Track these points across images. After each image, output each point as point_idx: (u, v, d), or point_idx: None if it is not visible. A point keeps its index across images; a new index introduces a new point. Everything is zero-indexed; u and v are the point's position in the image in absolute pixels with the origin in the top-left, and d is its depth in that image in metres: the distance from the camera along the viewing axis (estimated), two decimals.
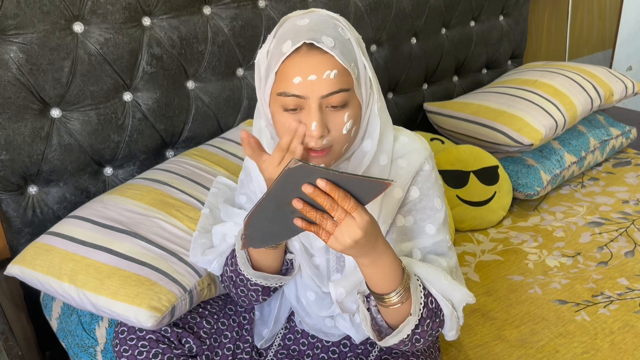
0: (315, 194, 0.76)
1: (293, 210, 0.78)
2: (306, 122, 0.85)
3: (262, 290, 1.03)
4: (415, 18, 1.93)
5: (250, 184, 1.07)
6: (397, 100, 2.02)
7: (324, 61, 0.84)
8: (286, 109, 0.86)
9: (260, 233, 0.83)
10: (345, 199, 0.77)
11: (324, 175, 0.75)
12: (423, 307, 0.90)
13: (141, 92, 1.43)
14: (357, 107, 0.89)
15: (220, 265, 1.07)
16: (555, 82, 1.97)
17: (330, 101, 0.85)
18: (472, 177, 1.75)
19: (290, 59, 0.84)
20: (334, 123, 0.86)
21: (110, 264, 1.12)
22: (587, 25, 2.91)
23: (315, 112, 0.84)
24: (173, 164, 1.39)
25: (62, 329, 1.27)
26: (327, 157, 0.89)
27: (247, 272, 1.00)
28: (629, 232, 1.70)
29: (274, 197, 0.77)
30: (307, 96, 0.84)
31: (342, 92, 0.85)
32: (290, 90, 0.84)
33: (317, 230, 0.80)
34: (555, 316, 1.39)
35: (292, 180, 0.75)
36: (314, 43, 0.83)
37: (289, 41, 0.84)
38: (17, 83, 1.25)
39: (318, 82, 0.83)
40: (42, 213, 1.37)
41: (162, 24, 1.42)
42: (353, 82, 0.87)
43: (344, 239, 0.78)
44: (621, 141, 2.12)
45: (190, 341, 1.08)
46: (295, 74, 0.84)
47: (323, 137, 0.86)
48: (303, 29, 0.85)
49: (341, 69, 0.85)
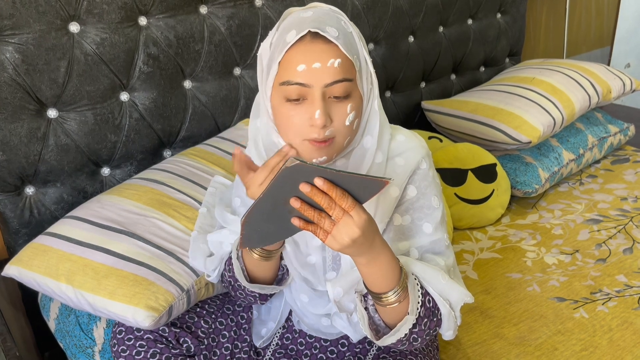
0: (313, 193, 0.76)
1: (290, 209, 0.78)
2: (309, 111, 0.85)
3: (259, 296, 1.04)
4: (413, 16, 1.93)
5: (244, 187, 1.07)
6: (394, 99, 2.02)
7: (328, 50, 0.84)
8: (289, 99, 0.86)
9: (257, 233, 0.83)
10: (343, 197, 0.76)
11: (322, 174, 0.75)
12: (420, 306, 0.90)
13: (138, 92, 1.43)
14: (359, 100, 0.89)
15: (219, 274, 1.08)
16: (553, 79, 1.97)
17: (333, 91, 0.85)
18: (470, 175, 1.75)
19: (294, 47, 0.84)
20: (337, 114, 0.86)
21: (107, 264, 1.12)
22: (585, 23, 2.91)
23: (319, 101, 0.84)
24: (170, 163, 1.38)
25: (60, 330, 1.27)
26: (329, 149, 0.88)
27: (242, 282, 1.00)
28: (627, 229, 1.70)
29: (271, 196, 0.77)
30: (311, 84, 0.84)
31: (345, 81, 0.85)
32: (294, 78, 0.84)
33: (314, 229, 0.80)
34: (554, 313, 1.39)
35: (290, 179, 0.75)
36: (318, 32, 0.83)
37: (293, 31, 0.85)
38: (13, 83, 1.25)
39: (322, 69, 0.83)
40: (39, 214, 1.37)
41: (158, 24, 1.41)
42: (356, 73, 0.87)
43: (342, 237, 0.78)
44: (619, 138, 2.12)
45: (188, 341, 1.08)
46: (300, 61, 0.84)
47: (326, 128, 0.85)
48: (307, 20, 0.85)
49: (345, 58, 0.85)
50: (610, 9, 3.00)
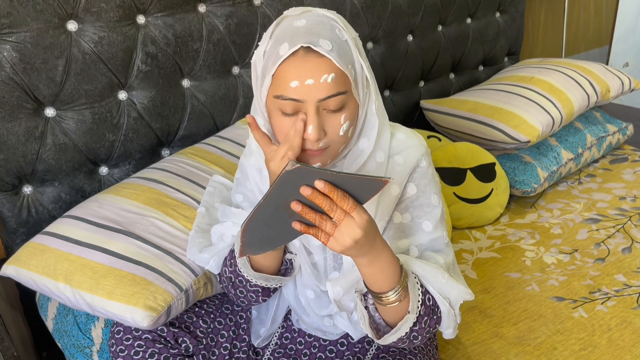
0: (314, 196, 0.75)
1: (291, 213, 0.78)
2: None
3: (262, 291, 1.03)
4: (412, 15, 1.92)
5: (246, 183, 1.06)
6: (393, 98, 2.02)
7: (321, 65, 0.83)
8: (284, 112, 0.86)
9: (258, 239, 0.82)
10: (344, 199, 0.76)
11: (322, 176, 0.75)
12: (421, 305, 0.90)
13: (136, 91, 1.42)
14: (354, 108, 0.89)
15: (217, 264, 1.07)
16: (551, 78, 1.97)
17: (327, 104, 0.85)
18: (469, 174, 1.75)
19: (287, 62, 0.84)
20: (330, 125, 0.86)
21: (105, 264, 1.11)
22: (583, 22, 2.91)
23: (313, 116, 0.84)
24: (169, 162, 1.38)
25: (58, 330, 1.26)
26: (324, 157, 0.89)
27: (247, 274, 0.99)
28: (626, 229, 1.70)
29: (271, 201, 0.76)
30: (304, 100, 0.84)
31: (339, 95, 0.85)
32: (287, 94, 0.84)
33: (315, 232, 0.79)
34: (553, 313, 1.39)
35: (290, 183, 0.75)
36: (311, 47, 0.83)
37: (285, 44, 0.84)
38: (11, 82, 1.24)
39: (315, 86, 0.83)
40: (37, 213, 1.36)
41: (156, 22, 1.41)
42: (350, 84, 0.86)
43: (344, 239, 0.78)
44: (618, 138, 2.12)
45: (186, 341, 1.08)
46: (293, 77, 0.83)
47: (320, 140, 0.86)
48: (300, 31, 0.84)
49: (338, 72, 0.84)
50: (609, 8, 3.01)
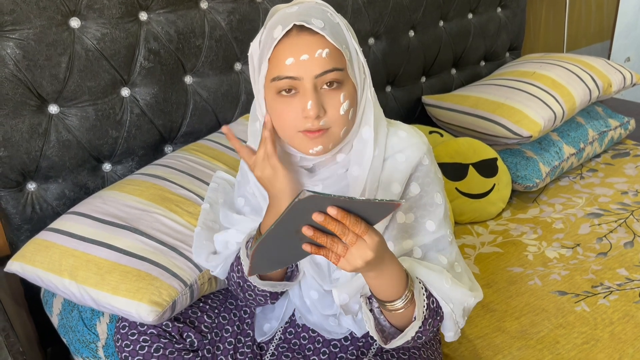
0: (327, 222, 0.74)
1: (302, 236, 0.77)
2: (302, 103, 0.85)
3: (270, 295, 1.03)
4: (413, 11, 1.92)
5: (247, 186, 1.07)
6: (395, 94, 2.02)
7: (315, 41, 0.84)
8: (282, 92, 0.86)
9: (267, 260, 0.82)
10: (356, 224, 0.75)
11: (334, 203, 0.74)
12: (425, 309, 0.90)
13: (139, 88, 1.43)
14: (353, 90, 0.89)
15: (224, 270, 1.08)
16: (553, 73, 1.97)
17: (324, 80, 0.85)
18: (471, 169, 1.75)
19: (281, 43, 0.85)
20: (330, 103, 0.86)
21: (110, 260, 1.12)
22: (585, 17, 2.91)
23: (310, 92, 0.84)
24: (172, 159, 1.38)
25: (63, 325, 1.27)
26: (324, 138, 0.88)
27: (253, 281, 1.00)
28: (628, 223, 1.70)
29: (282, 227, 0.76)
30: (301, 76, 0.84)
31: (335, 70, 0.85)
32: (283, 73, 0.84)
33: (326, 253, 0.79)
34: (555, 307, 1.40)
35: (302, 210, 0.74)
36: (304, 25, 0.84)
37: (279, 26, 0.85)
38: (14, 79, 1.24)
39: (310, 61, 0.84)
40: (41, 209, 1.37)
41: (159, 19, 1.41)
42: (346, 62, 0.87)
43: (355, 261, 0.78)
44: (620, 132, 2.12)
45: (191, 335, 1.09)
46: (287, 55, 0.84)
47: (320, 118, 0.85)
48: (293, 14, 0.86)
49: (332, 48, 0.85)
50: (610, 3, 3.00)
